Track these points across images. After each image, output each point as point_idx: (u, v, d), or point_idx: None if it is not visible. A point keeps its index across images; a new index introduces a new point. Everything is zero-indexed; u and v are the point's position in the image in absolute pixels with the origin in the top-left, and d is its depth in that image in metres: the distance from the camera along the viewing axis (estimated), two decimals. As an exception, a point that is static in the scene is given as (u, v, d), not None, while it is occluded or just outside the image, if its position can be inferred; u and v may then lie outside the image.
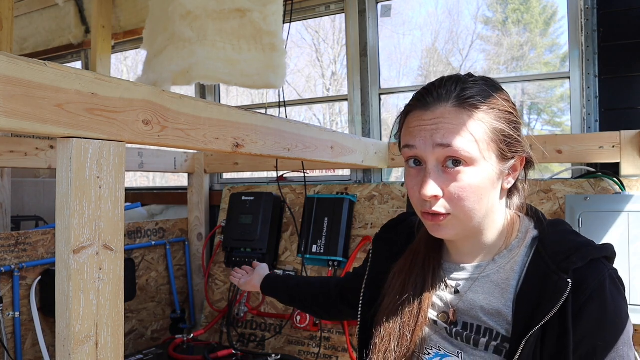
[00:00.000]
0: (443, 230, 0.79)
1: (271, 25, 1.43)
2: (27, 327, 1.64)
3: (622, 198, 1.46)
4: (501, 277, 0.81)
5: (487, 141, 0.75)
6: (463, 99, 0.76)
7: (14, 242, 1.61)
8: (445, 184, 0.75)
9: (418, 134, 0.77)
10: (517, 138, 0.78)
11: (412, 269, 0.89)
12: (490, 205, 0.78)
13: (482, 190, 0.75)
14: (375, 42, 2.21)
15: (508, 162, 0.78)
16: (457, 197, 0.75)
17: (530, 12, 8.81)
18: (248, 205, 2.08)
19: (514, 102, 0.80)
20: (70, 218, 0.69)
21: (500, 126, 0.76)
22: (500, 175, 0.78)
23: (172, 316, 2.18)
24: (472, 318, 0.82)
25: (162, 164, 2.25)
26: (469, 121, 0.75)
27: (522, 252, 0.81)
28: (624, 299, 0.75)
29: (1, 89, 0.61)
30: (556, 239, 0.80)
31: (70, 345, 0.70)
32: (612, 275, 0.75)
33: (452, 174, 0.75)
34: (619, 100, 1.71)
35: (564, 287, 0.72)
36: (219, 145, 0.98)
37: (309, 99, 5.26)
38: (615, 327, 0.72)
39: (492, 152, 0.76)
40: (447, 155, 0.75)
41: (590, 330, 0.71)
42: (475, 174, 0.75)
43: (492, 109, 0.76)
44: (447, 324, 0.84)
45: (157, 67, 1.49)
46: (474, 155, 0.74)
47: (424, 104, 0.79)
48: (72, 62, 3.06)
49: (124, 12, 2.56)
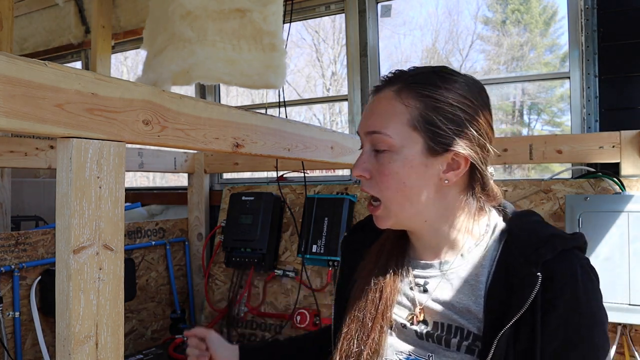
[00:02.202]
0: (379, 220, 0.81)
1: (271, 25, 1.43)
2: (27, 327, 1.64)
3: (622, 198, 1.47)
4: (470, 273, 0.79)
5: (411, 130, 0.75)
6: (401, 87, 0.77)
7: (14, 242, 1.61)
8: (373, 168, 0.78)
9: (361, 120, 0.83)
10: (446, 131, 0.75)
11: (376, 268, 0.87)
12: (426, 200, 0.77)
13: (404, 178, 0.76)
14: (375, 42, 2.21)
15: (438, 156, 0.76)
16: (379, 181, 0.77)
17: (530, 12, 8.82)
18: (248, 205, 2.08)
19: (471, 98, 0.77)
20: (70, 218, 0.69)
21: (428, 117, 0.75)
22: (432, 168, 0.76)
23: (172, 316, 2.17)
24: (443, 317, 0.80)
25: (162, 164, 2.25)
26: (397, 109, 0.76)
27: (491, 247, 0.80)
28: (597, 289, 0.73)
29: (1, 89, 0.61)
30: (524, 231, 0.78)
31: (70, 345, 0.70)
32: (583, 266, 0.73)
33: (378, 159, 0.78)
34: (619, 100, 1.71)
35: (534, 282, 0.70)
36: (219, 145, 0.98)
37: (309, 99, 5.26)
38: (589, 319, 0.71)
39: (416, 142, 0.76)
40: (373, 142, 0.78)
41: (563, 323, 0.70)
42: (395, 161, 0.76)
43: (426, 98, 0.76)
44: (416, 326, 0.82)
45: (157, 67, 1.49)
46: (395, 142, 0.75)
47: (374, 91, 0.82)
48: (72, 62, 3.06)
49: (124, 12, 2.56)
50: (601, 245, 1.44)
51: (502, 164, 2.00)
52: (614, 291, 1.38)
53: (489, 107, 0.81)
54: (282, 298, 2.01)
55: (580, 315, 0.70)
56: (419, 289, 0.84)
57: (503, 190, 1.69)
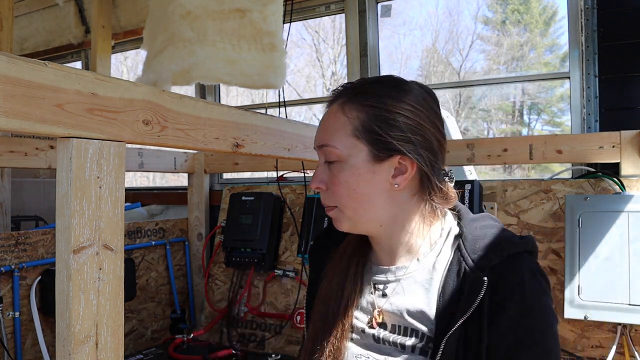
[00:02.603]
0: (337, 222, 0.84)
1: (271, 25, 1.43)
2: (27, 327, 1.64)
3: (622, 198, 1.47)
4: (425, 277, 0.81)
5: (355, 139, 0.78)
6: (345, 100, 0.81)
7: (14, 242, 1.61)
8: (327, 179, 0.82)
9: (315, 135, 0.86)
10: (388, 137, 0.77)
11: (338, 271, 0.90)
12: (378, 205, 0.80)
13: (354, 186, 0.79)
14: (375, 42, 2.21)
15: (384, 162, 0.78)
16: (333, 191, 0.81)
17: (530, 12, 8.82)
18: (248, 205, 2.08)
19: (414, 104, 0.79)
20: (70, 218, 0.69)
21: (369, 125, 0.78)
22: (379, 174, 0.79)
23: (172, 316, 2.17)
24: (399, 319, 0.82)
25: (162, 164, 2.25)
26: (341, 121, 0.80)
27: (446, 251, 0.81)
28: (545, 292, 0.74)
29: (1, 89, 0.61)
30: (475, 235, 0.79)
31: (70, 345, 0.70)
32: (531, 269, 0.74)
33: (330, 169, 0.81)
34: (619, 100, 1.71)
35: (480, 286, 0.72)
36: (219, 145, 0.98)
37: (309, 99, 5.26)
38: (538, 321, 0.72)
39: (361, 151, 0.78)
40: (324, 154, 0.82)
41: (513, 325, 0.71)
42: (344, 170, 0.79)
43: (367, 108, 0.78)
44: (375, 330, 0.84)
45: (157, 67, 1.49)
46: (342, 153, 0.79)
47: (327, 104, 0.86)
48: (72, 62, 3.06)
49: (124, 12, 2.56)
50: (601, 245, 1.44)
51: (502, 164, 2.00)
52: (614, 291, 1.38)
53: (437, 112, 0.83)
54: (282, 298, 2.01)
55: (529, 318, 0.71)
56: (378, 293, 0.86)
57: (503, 190, 1.69)
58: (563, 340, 1.50)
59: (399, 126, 0.77)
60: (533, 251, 0.79)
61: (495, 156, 1.74)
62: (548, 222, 1.61)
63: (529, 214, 1.64)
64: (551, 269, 1.57)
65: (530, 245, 0.78)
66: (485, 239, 0.78)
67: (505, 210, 1.67)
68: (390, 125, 0.77)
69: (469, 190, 1.63)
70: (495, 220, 0.84)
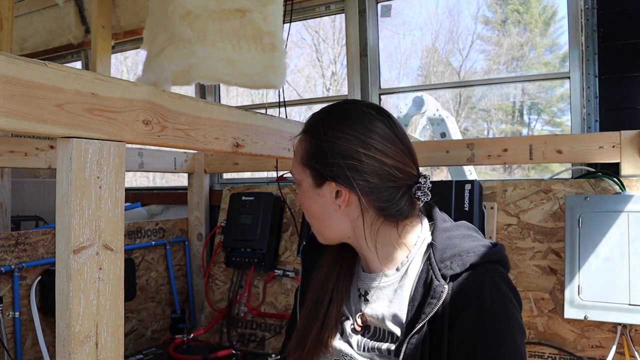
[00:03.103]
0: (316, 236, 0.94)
1: (271, 25, 1.43)
2: (27, 327, 1.64)
3: (622, 198, 1.47)
4: (401, 284, 0.86)
5: (303, 167, 0.89)
6: (305, 130, 0.90)
7: (14, 242, 1.61)
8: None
9: None
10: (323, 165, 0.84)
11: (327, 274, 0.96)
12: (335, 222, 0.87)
13: (309, 207, 0.89)
14: (375, 42, 2.21)
15: (322, 187, 0.86)
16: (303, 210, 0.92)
17: (530, 12, 8.82)
18: (248, 205, 2.08)
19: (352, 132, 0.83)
20: (70, 218, 0.69)
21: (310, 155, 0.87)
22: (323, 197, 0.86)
23: (172, 316, 2.17)
24: (380, 323, 0.88)
25: (162, 164, 2.25)
26: (297, 150, 0.91)
27: (417, 259, 0.86)
28: (507, 302, 0.77)
29: (1, 89, 0.61)
30: (444, 245, 0.84)
31: (70, 345, 0.70)
32: (493, 279, 0.77)
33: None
34: (619, 100, 1.71)
35: (441, 293, 0.77)
36: (219, 145, 0.98)
37: (309, 99, 5.26)
38: (496, 332, 0.75)
39: (307, 177, 0.88)
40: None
41: (468, 335, 0.75)
42: (301, 193, 0.90)
43: (312, 139, 0.87)
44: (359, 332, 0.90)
45: (157, 67, 1.49)
46: (297, 178, 0.90)
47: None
48: (72, 62, 3.06)
49: (124, 12, 2.55)
50: (601, 245, 1.44)
51: (502, 164, 2.00)
52: (614, 291, 1.38)
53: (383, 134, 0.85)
54: (282, 298, 2.01)
55: (486, 326, 0.75)
56: (362, 299, 0.92)
57: (503, 190, 1.69)
58: (563, 340, 1.50)
59: (333, 155, 0.83)
60: (501, 261, 0.82)
61: (495, 156, 1.74)
62: (548, 222, 1.61)
63: (529, 214, 1.64)
64: (551, 269, 1.57)
65: (497, 256, 0.81)
66: (453, 248, 0.82)
67: (505, 210, 1.67)
68: (324, 154, 0.84)
69: (469, 190, 1.63)
70: (469, 229, 0.88)
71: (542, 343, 1.53)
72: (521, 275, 1.60)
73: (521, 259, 1.62)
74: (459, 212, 1.61)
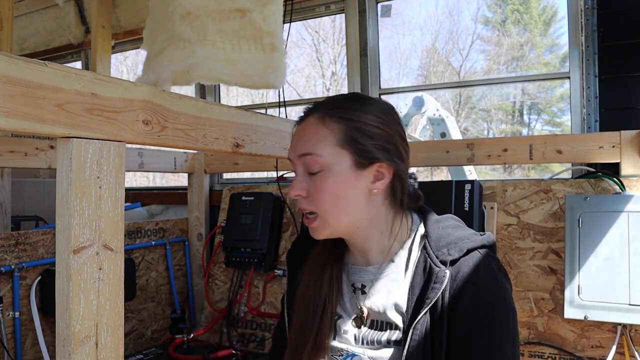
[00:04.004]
0: (316, 231, 0.89)
1: (271, 25, 1.43)
2: (27, 327, 1.64)
3: (622, 198, 1.47)
4: (398, 275, 0.89)
5: (339, 149, 0.84)
6: (324, 112, 0.87)
7: (14, 242, 1.61)
8: (309, 186, 0.87)
9: (291, 146, 0.92)
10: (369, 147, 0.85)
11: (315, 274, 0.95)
12: (358, 208, 0.87)
13: (339, 192, 0.85)
14: (375, 42, 2.21)
15: (365, 169, 0.85)
16: (317, 198, 0.86)
17: (530, 13, 8.82)
18: (248, 205, 2.08)
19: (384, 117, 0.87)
20: (70, 218, 0.69)
21: (352, 136, 0.85)
22: (361, 180, 0.85)
23: (172, 316, 2.17)
24: (378, 315, 0.89)
25: (162, 164, 2.25)
26: (322, 132, 0.86)
27: (414, 250, 0.90)
28: (500, 283, 0.83)
29: (1, 89, 0.61)
30: (439, 234, 0.89)
31: (70, 345, 0.70)
32: (487, 263, 0.83)
33: (313, 178, 0.86)
34: (619, 100, 1.71)
35: (443, 278, 0.82)
36: (219, 145, 0.98)
37: (309, 99, 5.26)
38: (490, 311, 0.80)
39: (345, 159, 0.85)
40: (305, 163, 0.87)
41: (466, 316, 0.80)
42: (328, 177, 0.84)
43: (347, 121, 0.85)
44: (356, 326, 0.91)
45: (157, 67, 1.49)
46: (326, 161, 0.84)
47: (300, 119, 0.92)
48: (72, 62, 3.06)
49: (124, 12, 2.55)
50: (601, 245, 1.44)
51: (502, 164, 2.00)
52: (614, 291, 1.38)
53: (400, 123, 0.92)
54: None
55: (483, 305, 0.80)
56: (358, 293, 0.92)
57: (503, 190, 1.69)
58: (563, 341, 1.50)
59: (376, 137, 0.86)
60: (491, 246, 0.88)
61: (495, 156, 1.74)
62: (548, 222, 1.61)
63: (529, 214, 1.64)
64: (551, 269, 1.57)
65: (488, 241, 0.87)
66: (447, 237, 0.87)
67: (505, 210, 1.67)
68: (370, 136, 0.85)
69: (468, 190, 1.63)
70: (457, 221, 0.94)
71: (542, 343, 1.53)
72: (521, 275, 1.60)
73: (521, 259, 1.62)
74: (459, 212, 1.61)
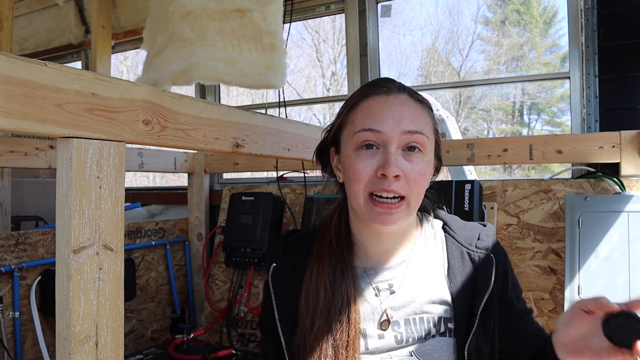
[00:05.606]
0: (395, 218, 0.80)
1: (271, 25, 1.43)
2: (27, 327, 1.64)
3: (622, 198, 1.46)
4: (428, 264, 0.88)
5: (433, 134, 0.86)
6: (412, 95, 0.85)
7: (14, 242, 1.61)
8: (405, 167, 0.79)
9: (385, 119, 0.80)
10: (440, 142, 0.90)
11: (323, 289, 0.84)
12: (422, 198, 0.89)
13: (428, 176, 0.84)
14: (375, 42, 2.21)
15: (436, 160, 0.89)
16: (413, 180, 0.80)
17: (530, 13, 8.81)
18: (248, 205, 2.08)
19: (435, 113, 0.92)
20: (70, 218, 0.69)
21: (435, 126, 0.88)
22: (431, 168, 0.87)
23: (172, 316, 2.17)
24: (412, 312, 0.84)
25: (162, 164, 2.25)
26: (423, 114, 0.84)
27: (437, 240, 0.92)
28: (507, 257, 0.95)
29: (1, 89, 0.61)
30: (457, 224, 0.93)
31: (70, 345, 0.70)
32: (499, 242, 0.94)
33: (411, 159, 0.80)
34: (619, 100, 1.71)
35: (491, 262, 0.86)
36: (219, 145, 0.98)
37: (309, 99, 5.27)
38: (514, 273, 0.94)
39: (433, 146, 0.86)
40: (412, 141, 0.80)
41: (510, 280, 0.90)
42: (426, 160, 0.82)
43: (429, 110, 0.87)
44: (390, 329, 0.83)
45: (157, 67, 1.49)
46: (427, 144, 0.82)
47: (387, 90, 0.84)
48: (72, 62, 3.06)
49: (124, 12, 2.55)
50: (601, 245, 1.44)
51: (502, 164, 2.00)
52: (614, 291, 1.38)
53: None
54: (282, 298, 2.01)
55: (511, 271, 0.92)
56: (385, 294, 0.85)
57: (503, 190, 1.69)
58: (563, 340, 1.50)
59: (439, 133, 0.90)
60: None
61: (495, 156, 1.74)
62: (548, 222, 1.61)
63: (529, 214, 1.64)
64: (551, 269, 1.57)
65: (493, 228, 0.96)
66: (466, 227, 0.93)
67: (505, 210, 1.67)
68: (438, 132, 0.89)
69: (468, 190, 1.63)
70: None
71: (542, 343, 1.53)
72: (521, 275, 1.60)
73: (521, 259, 1.62)
74: (459, 212, 1.61)
